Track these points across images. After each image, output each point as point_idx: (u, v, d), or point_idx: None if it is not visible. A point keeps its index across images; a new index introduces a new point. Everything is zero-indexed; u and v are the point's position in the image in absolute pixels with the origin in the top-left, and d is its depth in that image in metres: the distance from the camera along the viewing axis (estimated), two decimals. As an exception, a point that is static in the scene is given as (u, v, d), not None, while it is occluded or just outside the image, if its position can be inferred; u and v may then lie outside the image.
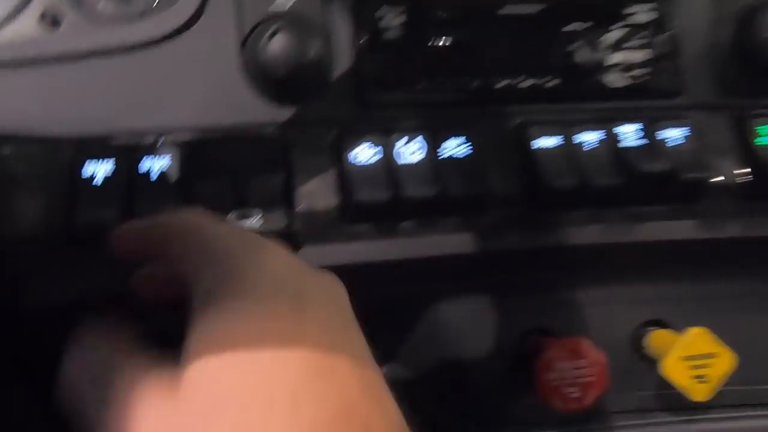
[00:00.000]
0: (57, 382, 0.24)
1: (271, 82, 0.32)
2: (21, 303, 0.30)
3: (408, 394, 0.48)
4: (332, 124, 0.34)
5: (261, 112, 0.33)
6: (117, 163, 0.30)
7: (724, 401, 0.41)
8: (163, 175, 0.31)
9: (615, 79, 0.37)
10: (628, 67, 0.37)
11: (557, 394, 0.37)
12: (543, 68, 0.35)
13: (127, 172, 0.30)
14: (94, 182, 0.30)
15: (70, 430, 0.24)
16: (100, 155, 0.30)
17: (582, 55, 0.35)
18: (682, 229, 0.37)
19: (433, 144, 0.34)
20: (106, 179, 0.30)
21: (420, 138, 0.34)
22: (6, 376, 0.31)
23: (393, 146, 0.34)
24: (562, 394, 0.37)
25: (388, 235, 0.33)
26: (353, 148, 0.33)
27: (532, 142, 0.35)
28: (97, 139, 0.31)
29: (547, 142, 0.35)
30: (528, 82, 0.35)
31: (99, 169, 0.30)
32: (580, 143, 0.35)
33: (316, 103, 0.34)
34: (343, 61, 0.34)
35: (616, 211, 0.36)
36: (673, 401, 0.42)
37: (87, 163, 0.30)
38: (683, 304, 0.42)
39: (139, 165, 0.30)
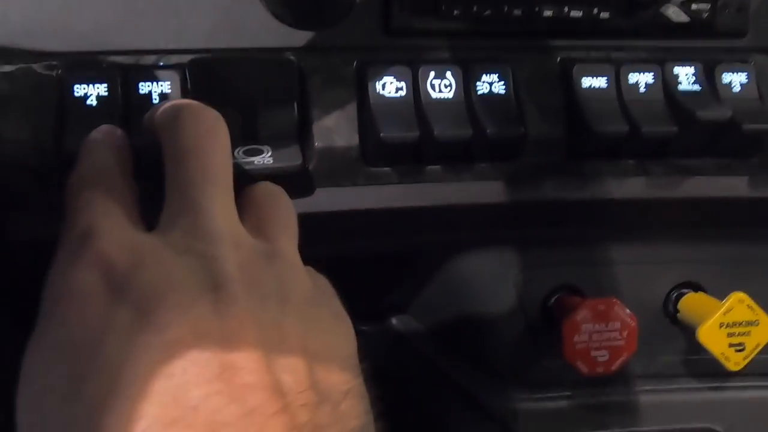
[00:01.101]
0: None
1: (290, 2, 0.29)
2: (8, 236, 0.28)
3: (419, 346, 0.47)
4: (355, 52, 0.30)
5: (276, 36, 0.29)
6: (113, 84, 0.27)
7: (754, 369, 0.39)
8: (164, 100, 0.27)
9: (674, 14, 0.33)
10: (688, 1, 0.33)
11: (584, 356, 0.35)
12: (596, -3, 0.31)
13: (124, 94, 0.27)
14: (87, 103, 0.27)
15: None
16: (94, 73, 0.27)
17: (641, -18, 0.31)
18: (733, 186, 0.34)
19: (466, 79, 0.30)
20: (101, 100, 0.27)
21: (451, 72, 0.30)
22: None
23: (421, 80, 0.30)
24: (589, 357, 0.35)
25: (413, 179, 0.30)
26: (377, 80, 0.30)
27: (577, 81, 0.31)
28: (90, 56, 0.28)
29: (594, 81, 0.31)
30: (577, 12, 0.31)
31: (92, 90, 0.27)
32: (631, 84, 0.32)
33: (337, 27, 0.30)
34: (369, -20, 0.30)
35: (664, 162, 0.33)
36: (700, 367, 0.40)
37: (79, 82, 0.27)
38: (720, 266, 0.40)
39: (138, 87, 0.27)
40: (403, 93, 0.30)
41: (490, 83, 0.31)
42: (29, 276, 0.30)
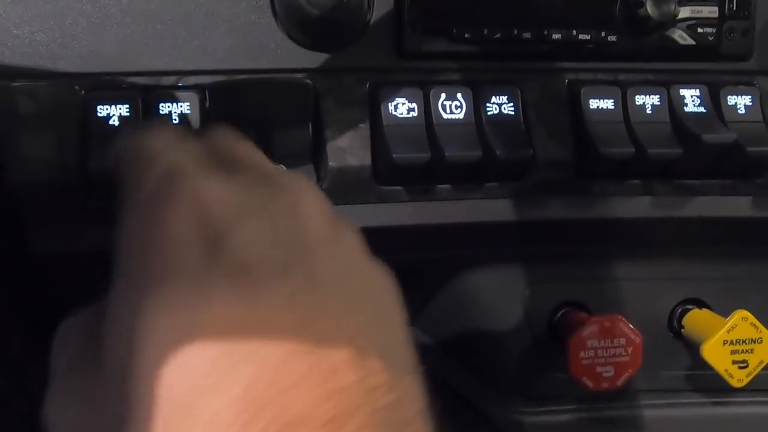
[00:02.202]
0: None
1: (305, 24, 0.29)
2: (31, 249, 0.29)
3: (427, 359, 0.47)
4: (368, 73, 0.31)
5: (292, 57, 0.30)
6: (134, 105, 0.28)
7: (757, 385, 0.39)
8: (183, 120, 0.28)
9: (680, 37, 0.33)
10: (694, 25, 0.34)
11: (589, 372, 0.35)
12: (603, 21, 0.32)
13: (144, 115, 0.28)
14: (110, 123, 0.27)
15: None
16: (116, 94, 0.28)
17: (648, 7, 0.32)
18: (737, 206, 0.35)
19: (476, 101, 0.31)
20: (122, 120, 0.27)
21: (461, 93, 0.31)
22: (11, 323, 0.29)
23: (433, 101, 0.31)
24: (594, 373, 0.35)
25: (424, 198, 0.31)
26: (390, 102, 0.30)
27: (585, 102, 0.32)
28: (112, 77, 0.28)
29: (601, 103, 0.32)
30: (585, 35, 0.32)
31: (114, 110, 0.28)
32: (638, 106, 0.32)
33: (351, 50, 0.30)
34: (382, 4, 0.31)
35: (669, 182, 0.34)
36: (704, 382, 0.41)
37: (102, 102, 0.27)
38: (724, 284, 0.40)
39: (159, 108, 0.28)
40: (414, 114, 0.30)
41: (500, 105, 0.32)
42: (50, 289, 0.31)
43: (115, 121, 0.28)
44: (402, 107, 0.30)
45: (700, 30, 0.34)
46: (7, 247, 0.28)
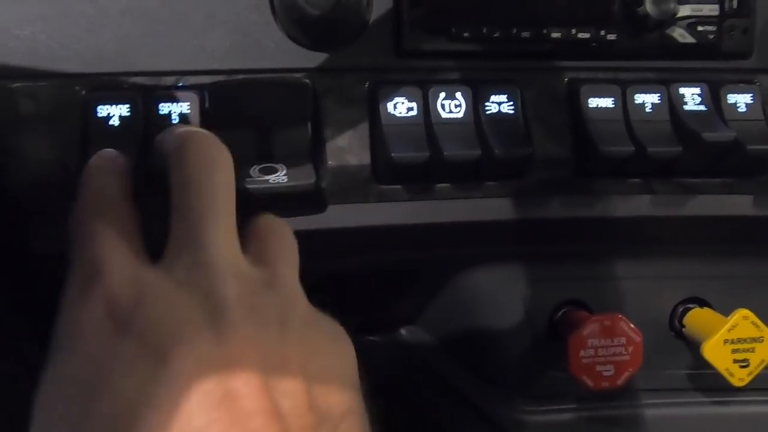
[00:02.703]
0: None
1: (304, 23, 0.29)
2: (32, 247, 0.29)
3: (428, 357, 0.48)
4: (367, 73, 0.31)
5: (291, 57, 0.30)
6: (134, 105, 0.28)
7: (758, 384, 0.39)
8: (183, 120, 0.28)
9: (680, 35, 0.33)
10: (694, 23, 0.34)
11: (589, 371, 0.35)
12: (603, 19, 0.32)
13: (145, 115, 0.28)
14: (110, 123, 0.28)
15: None
16: (116, 95, 0.28)
17: (647, 6, 0.32)
18: (738, 205, 0.35)
19: (475, 99, 0.31)
20: (123, 120, 0.28)
21: (461, 92, 0.31)
22: (14, 322, 0.29)
23: (432, 100, 0.31)
24: (594, 371, 0.35)
25: (423, 197, 0.31)
26: (389, 101, 0.31)
27: (584, 101, 0.32)
28: (112, 77, 0.29)
29: (601, 102, 0.32)
30: (585, 34, 0.32)
31: (115, 110, 0.28)
32: (637, 105, 0.32)
33: (350, 49, 0.30)
34: (381, 3, 0.31)
35: (669, 181, 0.33)
36: (705, 382, 0.41)
37: (102, 102, 0.28)
38: (725, 282, 0.40)
39: (159, 108, 0.28)
40: (414, 113, 0.31)
41: (499, 103, 0.32)
42: (50, 288, 0.31)
43: (115, 122, 0.28)
44: (401, 106, 0.31)
45: (700, 28, 0.34)
46: (9, 247, 0.28)
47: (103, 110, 0.28)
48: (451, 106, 0.31)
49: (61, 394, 0.19)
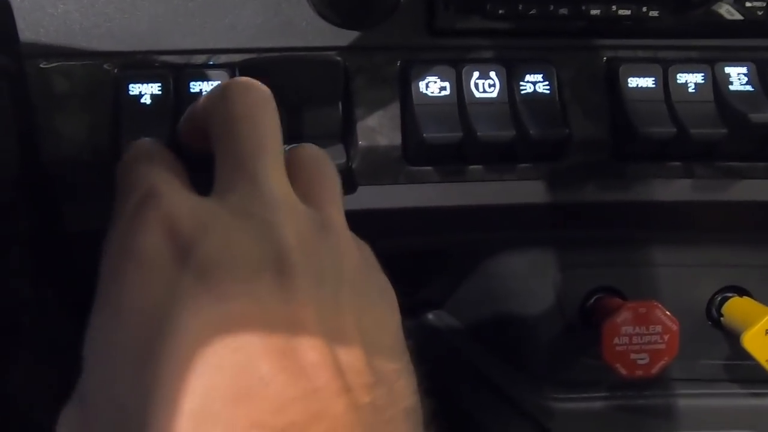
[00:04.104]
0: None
1: (335, 1, 0.29)
2: (65, 226, 0.29)
3: (455, 342, 0.47)
4: (399, 52, 0.30)
5: (322, 35, 0.30)
6: (165, 84, 0.28)
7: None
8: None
9: (727, 12, 0.32)
10: (742, -1, 0.32)
11: (623, 359, 0.34)
12: (645, -5, 0.31)
13: (176, 93, 0.28)
14: (141, 102, 0.28)
15: None
16: (147, 73, 0.28)
17: (693, -20, 0.30)
18: (784, 190, 0.33)
19: (510, 79, 0.30)
20: (154, 99, 0.28)
21: (495, 72, 0.30)
22: (47, 301, 0.30)
23: (465, 79, 0.30)
24: (628, 360, 0.34)
25: (454, 179, 0.31)
26: (421, 80, 0.30)
27: (623, 81, 0.31)
28: (144, 55, 0.28)
29: (641, 82, 0.31)
30: (625, 11, 0.31)
31: (146, 89, 0.28)
32: (680, 85, 0.31)
33: (382, 27, 0.30)
34: (414, -20, 0.30)
35: (712, 165, 0.32)
36: (743, 373, 0.40)
37: (134, 81, 0.28)
38: (766, 271, 0.38)
39: (189, 86, 0.28)
40: (446, 93, 0.30)
41: (534, 83, 0.31)
42: (85, 267, 0.31)
43: (146, 100, 0.28)
44: (433, 86, 0.30)
45: (748, 4, 0.32)
46: (42, 225, 0.29)
47: (134, 89, 0.28)
48: (485, 86, 0.30)
49: (118, 327, 0.18)
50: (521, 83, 0.30)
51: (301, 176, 0.22)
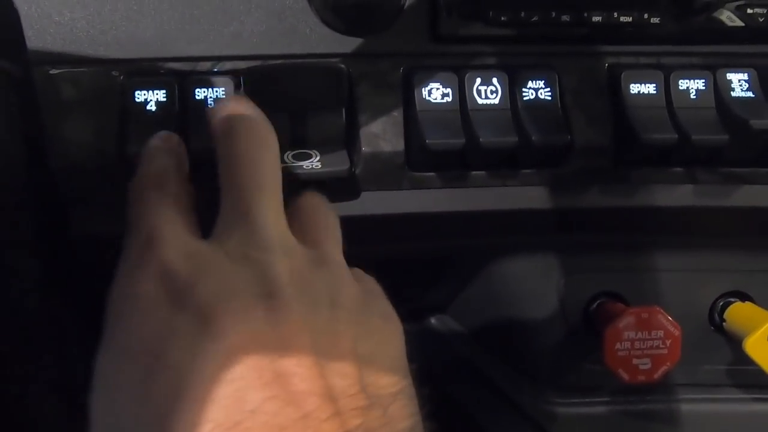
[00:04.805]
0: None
1: (339, 8, 0.29)
2: (71, 232, 0.30)
3: (458, 346, 0.47)
4: (402, 58, 0.31)
5: (326, 42, 0.30)
6: (170, 90, 0.28)
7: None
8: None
9: (728, 18, 0.32)
10: (743, 5, 0.32)
11: (625, 364, 0.35)
12: (646, 2, 0.31)
13: (181, 100, 0.28)
14: (147, 108, 0.28)
15: None
16: (153, 80, 0.28)
17: (695, -13, 0.30)
18: (786, 196, 0.33)
19: (512, 85, 0.31)
20: (160, 105, 0.28)
21: (497, 78, 0.31)
22: (54, 307, 0.30)
23: (467, 86, 0.30)
24: (630, 365, 0.35)
25: (457, 185, 0.31)
26: (424, 87, 0.30)
27: (625, 87, 0.31)
28: (150, 62, 0.29)
29: (642, 88, 0.31)
30: (627, 17, 0.31)
31: (152, 96, 0.28)
32: (681, 91, 0.31)
33: (385, 34, 0.30)
34: (417, -13, 0.31)
35: (714, 170, 0.32)
36: (746, 378, 0.40)
37: (140, 88, 0.28)
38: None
39: (194, 93, 0.28)
40: (449, 99, 0.30)
41: (536, 89, 0.31)
42: (91, 270, 0.32)
43: (152, 107, 0.28)
44: (436, 92, 0.30)
45: (750, 11, 0.32)
46: (51, 230, 0.29)
47: (140, 95, 0.28)
48: (487, 92, 0.30)
49: (120, 367, 0.19)
50: (523, 89, 0.31)
51: (299, 217, 0.24)
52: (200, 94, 0.28)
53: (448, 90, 0.30)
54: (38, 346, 0.27)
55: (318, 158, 0.29)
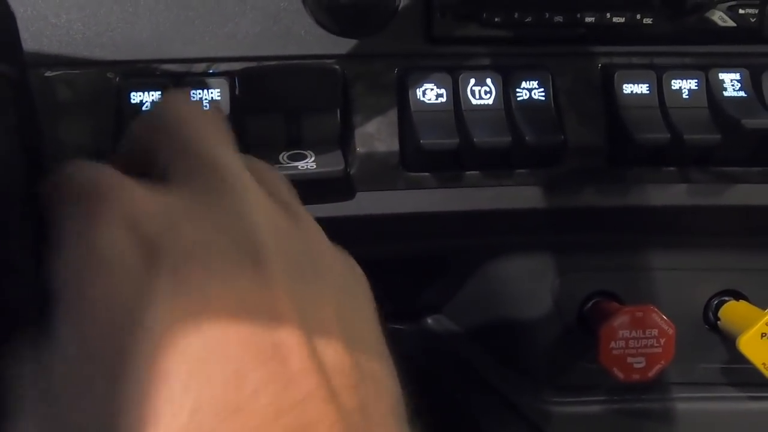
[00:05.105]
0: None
1: (334, 10, 0.29)
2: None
3: (454, 346, 0.47)
4: (396, 59, 0.31)
5: (320, 43, 0.30)
6: (166, 91, 0.28)
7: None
8: (213, 107, 0.28)
9: (720, 19, 0.32)
10: (735, 6, 0.32)
11: (620, 363, 0.35)
12: (639, 2, 0.31)
13: (176, 103, 0.28)
14: (143, 110, 0.28)
15: None
16: (148, 81, 0.28)
17: (686, -12, 0.31)
18: (778, 194, 0.33)
19: (506, 86, 0.31)
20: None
21: (491, 79, 0.31)
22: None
23: (462, 86, 0.30)
24: (625, 363, 0.35)
25: (452, 185, 0.31)
26: (418, 87, 0.30)
27: (618, 87, 0.31)
28: (145, 64, 0.29)
29: (635, 88, 0.31)
30: (620, 18, 0.31)
31: (147, 97, 0.28)
32: (674, 91, 0.31)
33: (380, 35, 0.30)
34: (411, -12, 0.31)
35: (707, 170, 0.33)
36: (740, 377, 0.40)
37: (135, 89, 0.28)
38: (762, 275, 0.39)
39: (190, 95, 0.28)
40: (443, 100, 0.30)
41: (530, 90, 0.31)
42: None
43: (148, 108, 0.28)
44: (430, 93, 0.30)
45: (741, 11, 0.32)
46: (47, 233, 0.29)
47: (135, 97, 0.28)
48: (481, 93, 0.31)
49: (85, 341, 0.16)
50: (517, 90, 0.31)
51: (259, 177, 0.20)
52: (195, 95, 0.29)
53: (443, 90, 0.30)
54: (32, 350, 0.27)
55: (313, 159, 0.29)
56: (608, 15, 0.31)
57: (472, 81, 0.31)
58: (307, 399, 0.15)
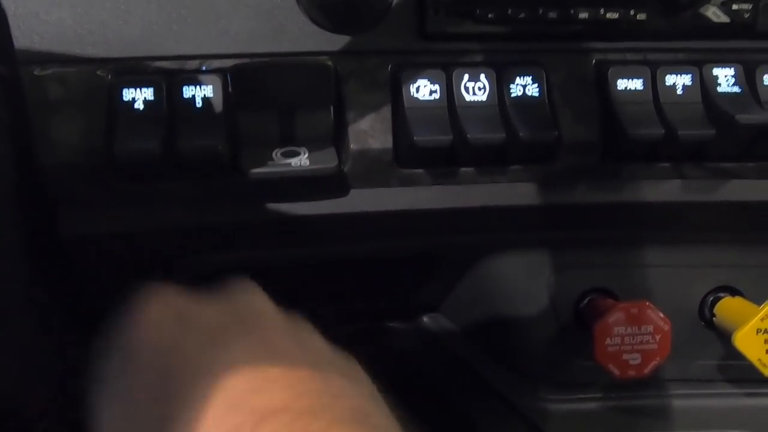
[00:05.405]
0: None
1: (327, 6, 0.29)
2: (60, 231, 0.29)
3: (450, 344, 0.47)
4: (390, 56, 0.31)
5: (314, 40, 0.30)
6: (158, 89, 0.28)
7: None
8: (207, 103, 0.28)
9: (714, 14, 0.32)
10: (729, 1, 0.32)
11: (616, 359, 0.35)
12: (632, -2, 0.31)
13: (169, 99, 0.28)
14: (135, 107, 0.28)
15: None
16: (141, 79, 0.28)
17: (680, -16, 0.31)
18: (773, 190, 0.33)
19: (500, 82, 0.31)
20: (147, 104, 0.28)
21: (484, 75, 0.31)
22: (43, 306, 0.30)
23: (455, 83, 0.30)
24: (620, 360, 0.35)
25: (446, 182, 0.31)
26: (412, 84, 0.30)
27: (612, 83, 0.31)
28: (137, 61, 0.29)
29: (629, 84, 0.31)
30: (614, 14, 0.31)
31: (139, 95, 0.28)
32: (668, 87, 0.31)
33: (373, 32, 0.30)
34: (405, -16, 0.31)
35: (701, 165, 0.33)
36: (736, 373, 0.40)
37: (127, 86, 0.28)
38: (758, 271, 0.39)
39: (182, 91, 0.28)
40: (437, 96, 0.30)
41: (524, 86, 0.31)
42: (78, 268, 0.32)
43: (140, 105, 0.28)
44: (424, 89, 0.30)
45: (735, 7, 0.32)
46: (40, 230, 0.29)
47: (128, 94, 0.28)
48: (475, 89, 0.31)
49: (134, 386, 0.22)
50: (511, 86, 0.31)
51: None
52: (188, 92, 0.28)
53: (436, 87, 0.30)
54: (27, 343, 0.27)
55: (306, 155, 0.29)
56: (602, 11, 0.31)
57: (466, 77, 0.31)
58: (314, 392, 0.21)
